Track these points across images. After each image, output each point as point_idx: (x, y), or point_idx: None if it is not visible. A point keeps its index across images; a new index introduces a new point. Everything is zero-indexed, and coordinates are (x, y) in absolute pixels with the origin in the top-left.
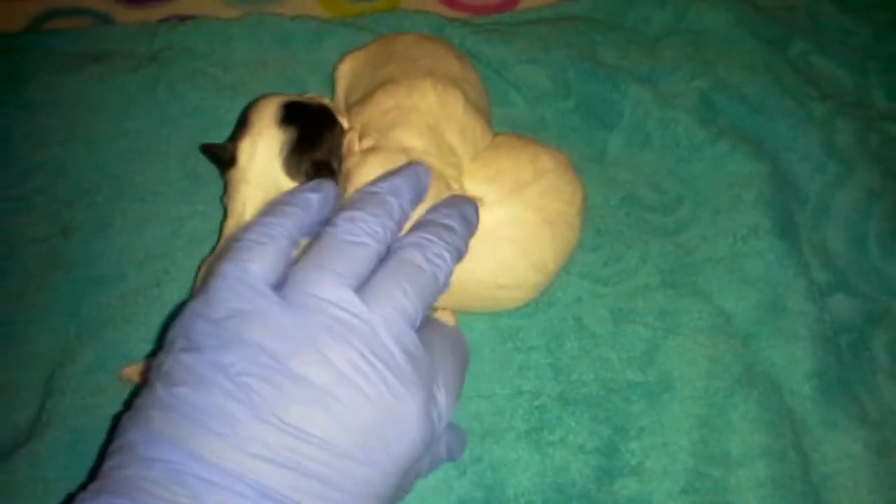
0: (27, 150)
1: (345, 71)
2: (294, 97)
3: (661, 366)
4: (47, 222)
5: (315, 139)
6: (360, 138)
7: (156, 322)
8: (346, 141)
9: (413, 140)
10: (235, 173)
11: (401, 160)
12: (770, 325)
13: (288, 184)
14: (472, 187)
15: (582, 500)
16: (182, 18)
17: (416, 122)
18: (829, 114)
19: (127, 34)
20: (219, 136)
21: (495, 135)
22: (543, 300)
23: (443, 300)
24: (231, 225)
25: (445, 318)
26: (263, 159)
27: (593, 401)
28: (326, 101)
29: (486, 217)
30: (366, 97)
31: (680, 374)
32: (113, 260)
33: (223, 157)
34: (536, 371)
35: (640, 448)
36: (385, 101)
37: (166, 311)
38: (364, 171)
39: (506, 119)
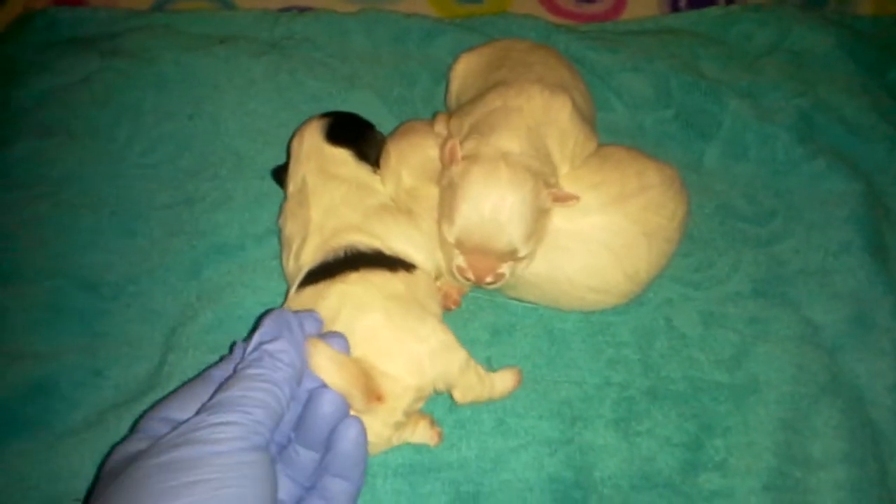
0: (156, 122)
1: (459, 70)
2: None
3: (748, 370)
4: (173, 191)
5: (348, 121)
6: (462, 142)
7: (272, 287)
8: (447, 149)
9: (511, 144)
10: (293, 163)
11: (501, 167)
12: (856, 339)
13: (335, 151)
14: (576, 191)
15: (667, 489)
16: (301, 9)
17: (517, 124)
18: None
19: (249, 20)
20: None
21: (607, 145)
22: (635, 300)
23: (533, 293)
24: (292, 199)
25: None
26: (309, 141)
27: (681, 398)
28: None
29: (585, 221)
30: (477, 97)
31: (767, 378)
32: (234, 231)
33: (279, 178)
34: (626, 365)
35: (724, 445)
36: (494, 101)
37: (282, 279)
38: (468, 181)
39: (606, 124)
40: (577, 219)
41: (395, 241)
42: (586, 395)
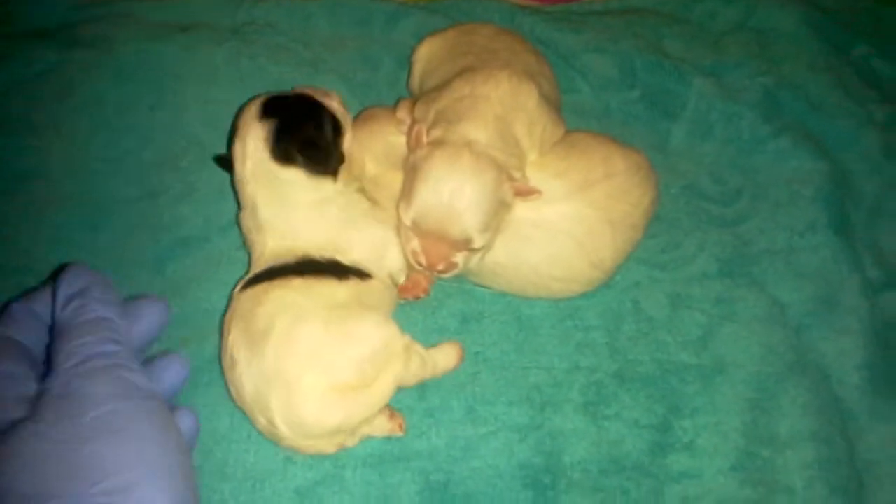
0: (117, 114)
1: (423, 54)
2: (276, 93)
3: (715, 350)
4: (136, 184)
5: (296, 125)
6: (429, 129)
7: (237, 279)
8: (413, 133)
9: (478, 133)
10: (238, 176)
11: (464, 154)
12: (823, 318)
13: (285, 173)
14: (540, 179)
15: (636, 471)
16: None
17: (485, 112)
18: (888, 117)
19: (211, 6)
20: None
21: (574, 131)
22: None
23: (498, 282)
24: (246, 217)
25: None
26: (254, 156)
27: (649, 380)
28: (309, 90)
29: (549, 210)
30: (444, 84)
31: (733, 359)
32: (198, 223)
33: (225, 165)
34: (594, 349)
35: (692, 426)
36: (461, 88)
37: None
38: (430, 165)
39: (572, 106)
40: (541, 207)
41: (357, 253)
42: (555, 380)
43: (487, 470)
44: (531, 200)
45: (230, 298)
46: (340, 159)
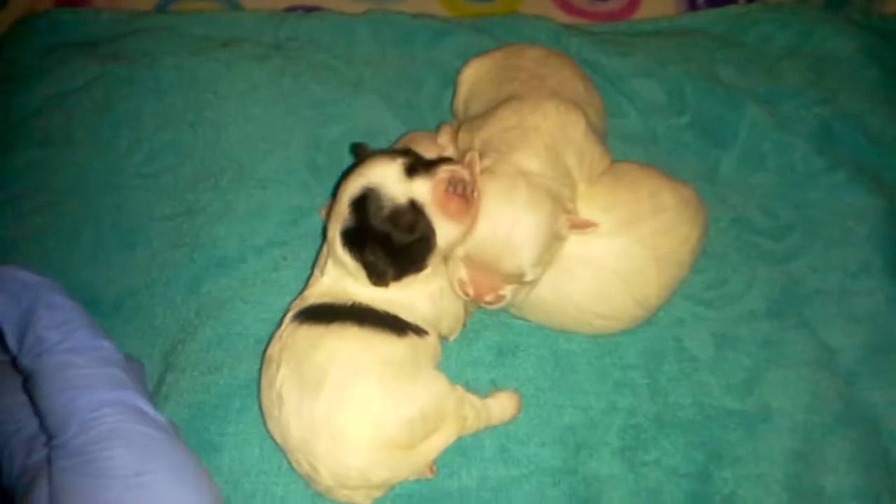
0: (156, 129)
1: (468, 76)
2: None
3: (760, 396)
4: (173, 201)
5: (377, 233)
6: (480, 157)
7: (273, 303)
8: (467, 161)
9: (531, 163)
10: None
11: (520, 185)
12: (874, 366)
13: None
14: (588, 213)
15: None
16: (308, 9)
17: (535, 143)
18: None
19: (254, 21)
20: (338, 130)
21: (621, 161)
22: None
23: (537, 315)
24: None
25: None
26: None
27: (689, 425)
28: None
29: (595, 246)
30: (489, 111)
31: (779, 406)
32: (234, 243)
33: (359, 154)
34: (633, 389)
35: (733, 476)
36: (509, 118)
37: (283, 294)
38: (487, 198)
39: (618, 131)
40: (587, 242)
41: (419, 312)
42: (591, 421)
43: None
44: (587, 234)
45: (280, 324)
46: (420, 264)
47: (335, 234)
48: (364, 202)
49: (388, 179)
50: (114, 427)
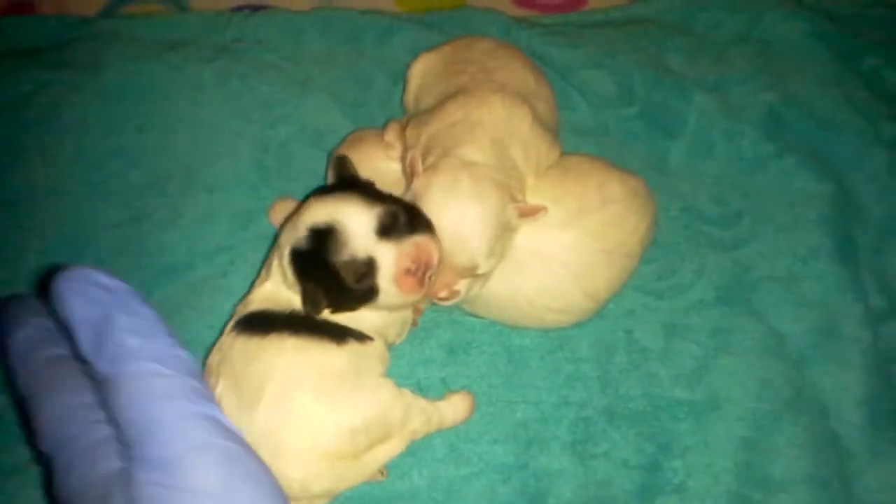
0: (103, 136)
1: (417, 71)
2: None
3: (710, 385)
4: (121, 209)
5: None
6: (424, 156)
7: (221, 309)
8: (408, 161)
9: (476, 155)
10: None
11: (463, 178)
12: (823, 350)
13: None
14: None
15: None
16: (255, 8)
17: (481, 136)
18: None
19: (201, 22)
20: (286, 132)
21: (570, 154)
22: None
23: (490, 311)
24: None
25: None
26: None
27: (639, 416)
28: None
29: (545, 238)
30: (436, 106)
31: (728, 394)
32: (182, 250)
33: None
34: (584, 382)
35: (683, 467)
36: (454, 113)
37: (232, 299)
38: (429, 193)
39: (569, 124)
40: (537, 234)
41: (367, 323)
42: (543, 415)
43: None
44: (537, 220)
45: (221, 331)
46: (355, 307)
47: (286, 245)
48: (325, 235)
49: (358, 228)
50: (199, 440)
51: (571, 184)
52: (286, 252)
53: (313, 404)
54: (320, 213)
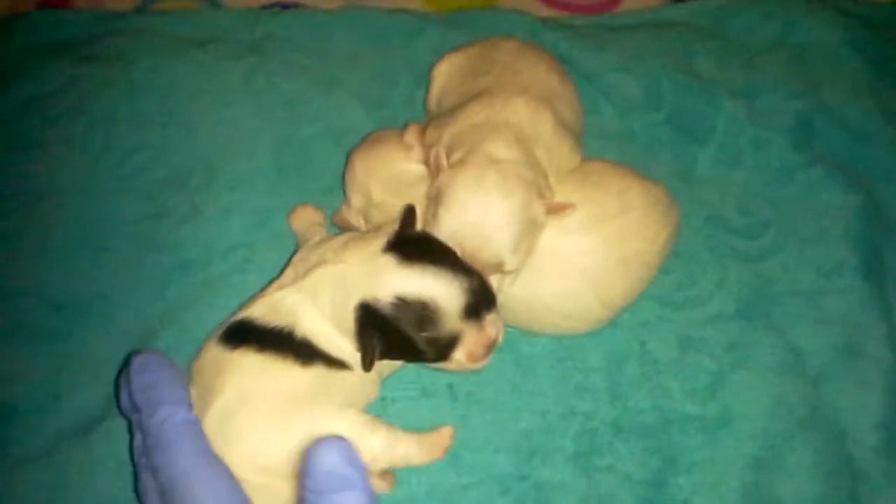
0: (130, 131)
1: (442, 71)
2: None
3: (723, 400)
4: (144, 204)
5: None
6: (448, 153)
7: (235, 307)
8: (433, 158)
9: (502, 152)
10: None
11: (490, 173)
12: (843, 369)
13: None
14: None
15: None
16: (285, 6)
17: (507, 135)
18: None
19: (231, 19)
20: (310, 131)
21: (591, 160)
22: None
23: (507, 317)
24: (302, 255)
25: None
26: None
27: (648, 430)
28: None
29: (563, 243)
30: (458, 107)
31: (741, 411)
32: (200, 246)
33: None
34: (593, 393)
35: (689, 484)
36: (478, 113)
37: (246, 296)
38: (454, 188)
39: (594, 128)
40: (555, 238)
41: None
42: (548, 425)
43: None
44: (566, 216)
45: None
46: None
47: (354, 294)
48: (413, 307)
49: (449, 308)
50: None
51: (591, 189)
52: (353, 301)
53: (250, 425)
54: (412, 283)
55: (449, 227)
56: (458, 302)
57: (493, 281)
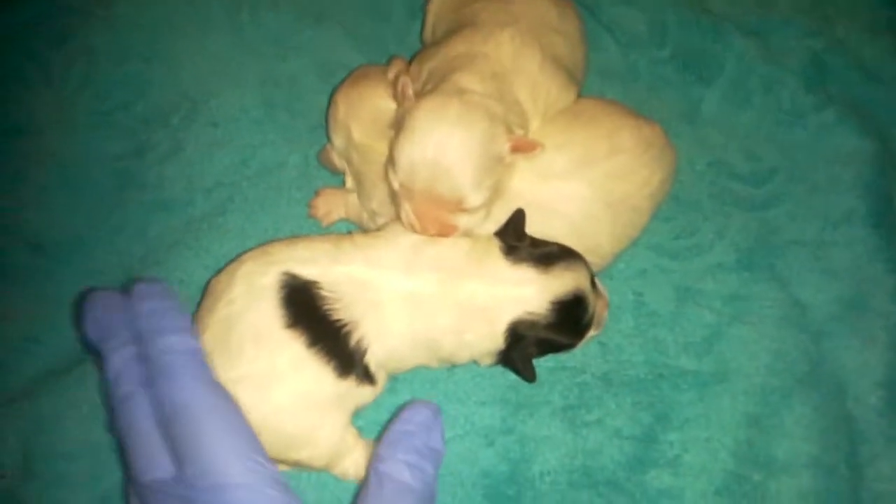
0: (111, 66)
1: (435, 2)
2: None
3: (719, 355)
4: (125, 140)
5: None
6: (424, 86)
7: (217, 250)
8: (399, 86)
9: (473, 83)
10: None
11: (454, 102)
12: (847, 324)
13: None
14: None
15: (609, 487)
16: None
17: (482, 68)
18: None
19: None
20: (297, 66)
21: (585, 98)
22: (604, 271)
23: None
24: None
25: None
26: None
27: (639, 384)
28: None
29: (545, 187)
30: (441, 40)
31: (738, 366)
32: (182, 185)
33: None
34: (585, 346)
35: (680, 440)
36: (457, 47)
37: (228, 239)
38: (415, 116)
39: (596, 65)
40: (537, 182)
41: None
42: (538, 379)
43: (448, 477)
44: (532, 157)
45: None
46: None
47: (496, 319)
48: (571, 307)
49: (589, 290)
50: None
51: (580, 130)
52: (500, 327)
53: (267, 403)
54: (561, 285)
55: (407, 156)
56: (588, 281)
57: (458, 220)
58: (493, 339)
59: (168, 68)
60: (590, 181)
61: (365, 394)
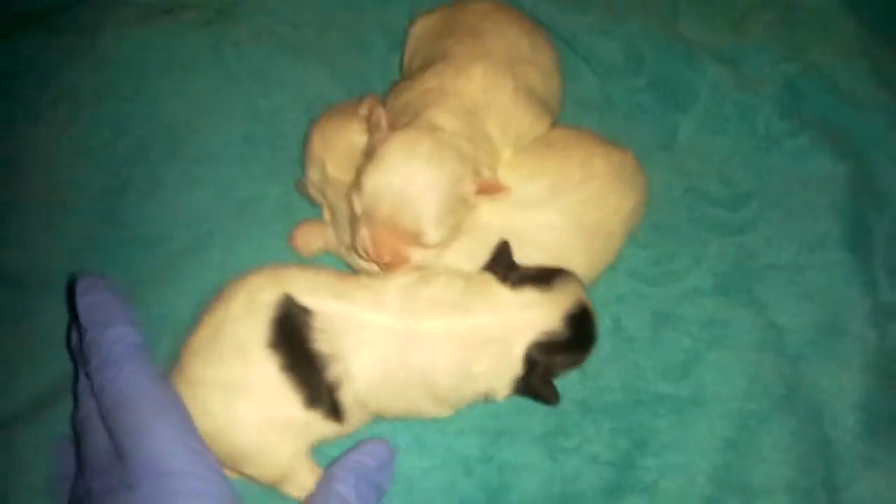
0: (94, 104)
1: (413, 34)
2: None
3: (696, 380)
4: (107, 177)
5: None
6: (397, 119)
7: (197, 283)
8: (373, 116)
9: (445, 121)
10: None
11: (425, 140)
12: (823, 347)
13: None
14: (512, 181)
15: None
16: None
17: (454, 104)
18: None
19: None
20: (279, 99)
21: (558, 127)
22: None
23: None
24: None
25: None
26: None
27: (617, 410)
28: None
29: (518, 217)
30: (416, 74)
31: (715, 390)
32: (163, 220)
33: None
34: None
35: (657, 466)
36: (429, 81)
37: (208, 271)
38: (386, 148)
39: (573, 95)
40: (509, 213)
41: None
42: (517, 406)
43: None
44: (497, 200)
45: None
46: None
47: (521, 341)
48: (581, 316)
49: (589, 301)
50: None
51: (552, 159)
52: (517, 351)
53: (229, 414)
54: (565, 299)
55: (373, 183)
56: (586, 292)
57: (412, 253)
58: (510, 366)
59: (151, 105)
60: (562, 209)
61: (329, 429)
